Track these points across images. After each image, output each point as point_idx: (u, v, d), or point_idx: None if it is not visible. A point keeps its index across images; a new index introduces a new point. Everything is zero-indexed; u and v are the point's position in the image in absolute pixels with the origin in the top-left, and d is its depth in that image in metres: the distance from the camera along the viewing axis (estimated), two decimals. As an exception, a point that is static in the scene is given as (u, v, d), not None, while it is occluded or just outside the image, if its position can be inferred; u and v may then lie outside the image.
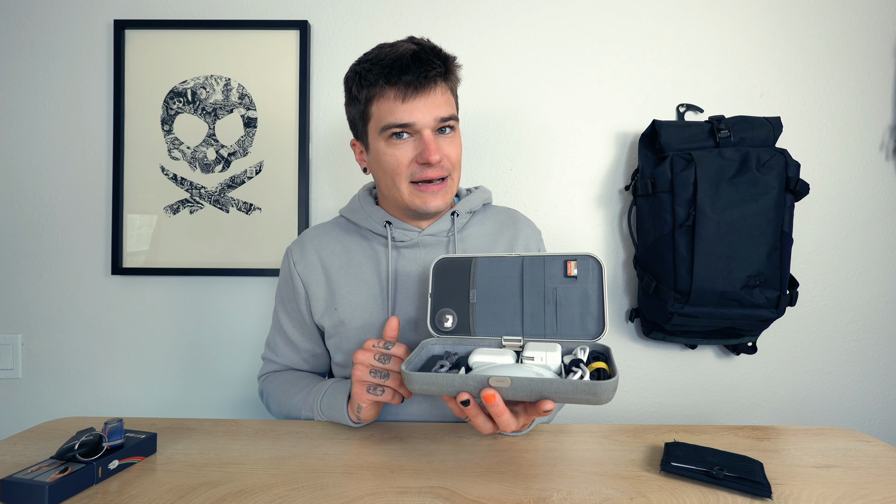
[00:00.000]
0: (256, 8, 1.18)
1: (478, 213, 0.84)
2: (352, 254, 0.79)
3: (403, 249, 0.78)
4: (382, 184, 0.74)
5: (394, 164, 0.70)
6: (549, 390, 0.48)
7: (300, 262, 0.80)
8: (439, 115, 0.69)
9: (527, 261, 0.61)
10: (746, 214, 0.97)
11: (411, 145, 0.69)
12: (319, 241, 0.82)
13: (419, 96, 0.67)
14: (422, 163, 0.69)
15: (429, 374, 0.51)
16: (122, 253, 1.17)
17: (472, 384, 0.50)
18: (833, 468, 0.58)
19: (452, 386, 0.50)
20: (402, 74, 0.66)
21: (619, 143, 1.19)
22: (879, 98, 1.17)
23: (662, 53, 1.18)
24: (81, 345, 1.19)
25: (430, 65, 0.67)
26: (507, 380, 0.48)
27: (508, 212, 0.87)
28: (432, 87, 0.68)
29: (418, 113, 0.67)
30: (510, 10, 1.18)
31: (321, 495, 0.51)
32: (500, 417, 0.51)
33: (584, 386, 0.47)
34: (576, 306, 0.59)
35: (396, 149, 0.69)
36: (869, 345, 1.19)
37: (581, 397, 0.47)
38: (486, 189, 0.87)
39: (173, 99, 1.17)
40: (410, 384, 0.52)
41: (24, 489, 0.47)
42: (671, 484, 0.54)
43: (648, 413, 1.20)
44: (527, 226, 0.85)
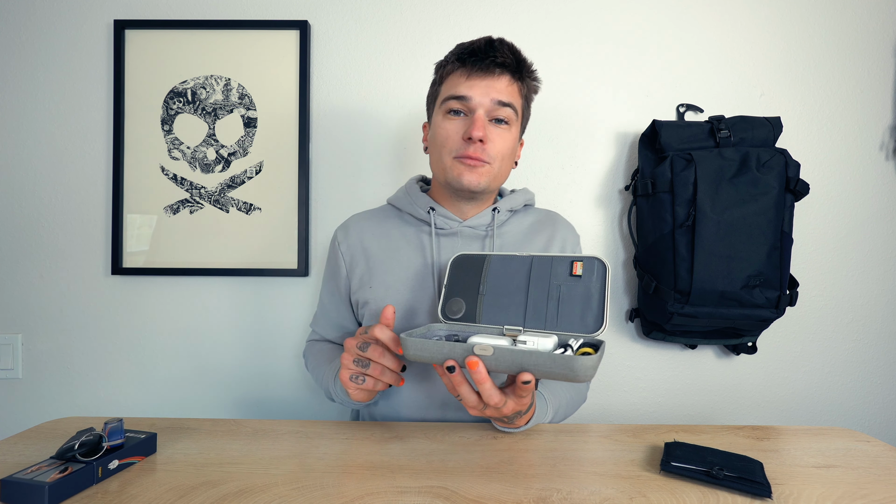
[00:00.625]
0: (256, 8, 1.18)
1: (518, 213, 0.87)
2: (392, 237, 0.83)
3: (442, 238, 0.81)
4: (433, 158, 0.79)
5: (444, 136, 0.74)
6: (529, 362, 0.51)
7: (343, 243, 0.85)
8: (496, 98, 0.72)
9: (536, 260, 0.64)
10: (746, 214, 0.97)
11: (463, 122, 0.74)
12: (363, 224, 0.86)
13: (482, 77, 0.72)
14: (466, 138, 0.72)
15: (422, 340, 0.55)
16: (122, 253, 1.17)
17: (459, 351, 0.54)
18: (833, 468, 0.58)
19: (441, 352, 0.54)
20: (472, 55, 0.72)
21: (619, 143, 1.19)
22: (879, 98, 1.17)
23: (662, 53, 1.18)
24: (81, 345, 1.19)
25: (499, 52, 0.72)
26: (490, 348, 0.52)
27: (549, 213, 0.90)
28: (497, 74, 0.73)
29: (477, 90, 0.72)
30: (510, 11, 1.18)
31: (321, 495, 0.51)
32: (483, 385, 0.54)
33: (562, 360, 0.50)
34: (577, 303, 0.61)
35: (450, 122, 0.74)
36: (869, 345, 1.19)
37: (559, 372, 0.50)
38: (530, 191, 0.89)
39: (173, 99, 1.17)
40: (406, 350, 0.56)
41: (24, 489, 0.47)
42: (671, 484, 0.54)
43: (648, 413, 1.20)
44: (565, 227, 0.87)
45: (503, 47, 0.73)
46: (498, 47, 0.72)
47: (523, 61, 0.75)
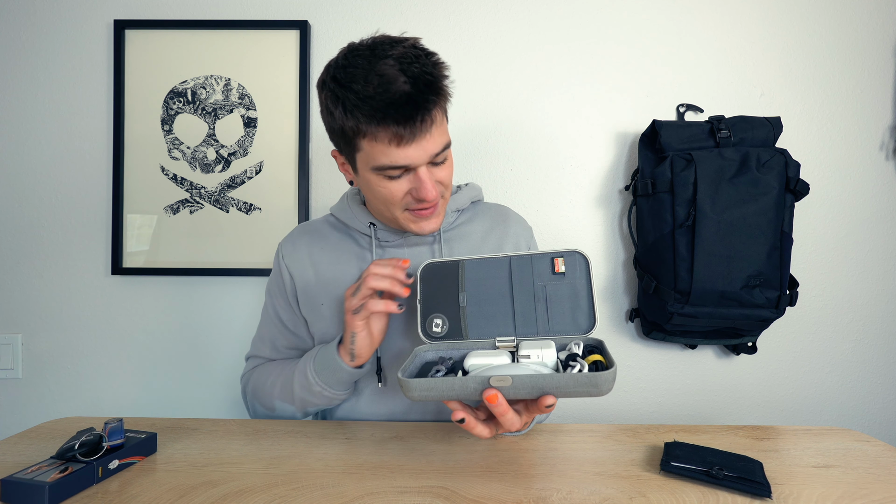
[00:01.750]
0: (256, 8, 1.18)
1: (466, 211, 0.83)
2: (339, 251, 0.80)
3: (389, 249, 0.78)
4: (373, 206, 0.74)
5: (387, 195, 0.67)
6: (551, 386, 0.48)
7: (289, 256, 0.81)
8: (434, 152, 0.64)
9: (514, 260, 0.61)
10: (746, 214, 0.97)
11: (405, 180, 0.66)
12: (309, 238, 0.82)
13: (416, 140, 0.62)
14: (416, 197, 0.67)
15: (427, 380, 0.50)
16: (122, 253, 1.17)
17: (473, 386, 0.49)
18: (833, 468, 0.58)
19: (452, 390, 0.50)
20: (395, 121, 0.59)
21: (619, 143, 1.19)
22: (879, 98, 1.17)
23: (662, 53, 1.18)
24: (81, 345, 1.19)
25: (426, 105, 0.60)
26: (508, 378, 0.48)
27: (499, 208, 0.86)
28: (428, 127, 0.62)
29: (413, 155, 0.63)
30: (510, 10, 1.18)
31: (321, 495, 0.51)
32: (504, 417, 0.50)
33: (584, 378, 0.47)
34: (566, 302, 0.59)
35: (390, 183, 0.66)
36: (869, 345, 1.19)
37: (582, 390, 0.48)
38: (476, 186, 0.85)
39: (173, 99, 1.17)
40: (409, 392, 0.51)
41: (24, 489, 0.47)
42: (671, 484, 0.54)
43: (648, 413, 1.20)
44: (517, 223, 0.84)
45: (426, 92, 0.60)
46: (421, 100, 0.59)
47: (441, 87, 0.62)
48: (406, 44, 0.62)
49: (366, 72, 0.60)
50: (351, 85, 0.60)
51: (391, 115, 0.59)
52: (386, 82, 0.59)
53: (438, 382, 0.50)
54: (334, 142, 0.70)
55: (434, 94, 0.61)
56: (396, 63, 0.59)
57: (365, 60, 0.60)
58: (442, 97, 0.63)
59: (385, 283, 0.64)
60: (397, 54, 0.60)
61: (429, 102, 0.61)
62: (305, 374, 0.72)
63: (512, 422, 0.51)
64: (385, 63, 0.59)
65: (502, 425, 0.52)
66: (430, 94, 0.61)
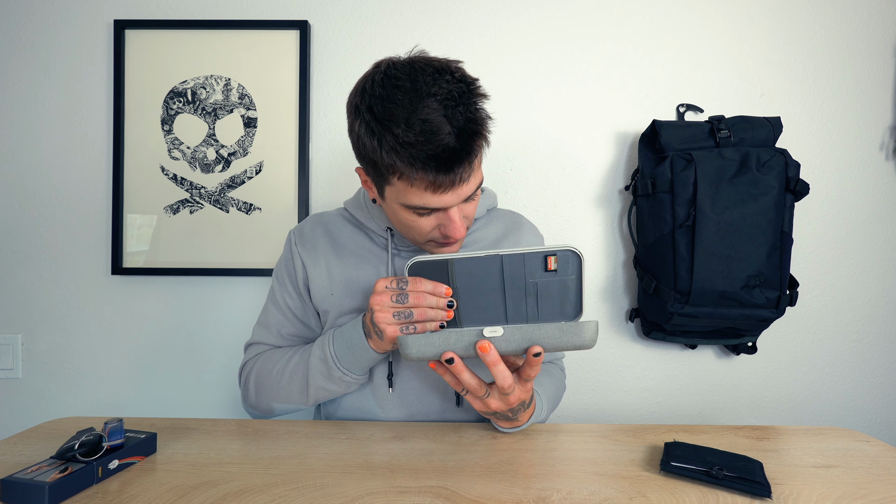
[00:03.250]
0: (256, 8, 1.18)
1: (481, 218, 0.84)
2: (354, 247, 0.79)
3: (405, 252, 0.78)
4: (397, 227, 0.71)
5: (416, 229, 0.66)
6: (539, 336, 0.53)
7: (302, 245, 0.80)
8: (469, 195, 0.63)
9: (506, 259, 0.60)
10: (746, 214, 0.97)
11: (434, 217, 0.65)
12: (323, 228, 0.81)
13: (451, 189, 0.60)
14: (444, 234, 0.66)
15: (425, 336, 0.54)
16: (122, 253, 1.17)
17: (468, 338, 0.54)
18: (833, 468, 0.58)
19: (448, 343, 0.54)
20: (439, 169, 0.57)
21: (619, 143, 1.19)
22: (879, 98, 1.17)
23: (662, 53, 1.18)
24: (81, 345, 1.19)
25: (469, 157, 0.58)
26: (499, 329, 0.53)
27: (512, 215, 0.87)
28: (467, 177, 0.61)
29: (448, 200, 0.61)
30: (510, 10, 1.18)
31: (321, 495, 0.51)
32: (496, 367, 0.54)
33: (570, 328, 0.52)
34: (556, 297, 0.60)
35: (419, 219, 0.65)
36: (869, 345, 1.19)
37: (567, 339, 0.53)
38: (492, 192, 0.86)
39: (173, 99, 1.17)
40: (407, 349, 0.55)
41: (24, 489, 0.47)
42: (671, 484, 0.54)
43: (648, 413, 1.20)
44: (530, 231, 0.85)
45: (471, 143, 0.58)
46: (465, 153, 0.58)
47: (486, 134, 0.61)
48: (448, 76, 0.58)
49: (407, 113, 0.56)
50: (391, 126, 0.57)
51: (432, 166, 0.57)
52: (430, 131, 0.56)
53: (435, 337, 0.54)
54: (363, 164, 0.66)
55: (477, 144, 0.60)
56: (441, 107, 0.56)
57: (406, 98, 0.57)
58: (484, 143, 0.61)
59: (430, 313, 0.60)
60: (442, 94, 0.57)
61: (471, 154, 0.59)
62: (325, 358, 0.69)
63: (504, 376, 0.55)
64: (428, 105, 0.56)
65: (495, 378, 0.56)
66: (473, 145, 0.59)
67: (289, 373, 0.73)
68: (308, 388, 0.72)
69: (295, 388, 0.73)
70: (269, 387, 0.75)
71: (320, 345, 0.72)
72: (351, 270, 0.78)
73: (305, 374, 0.72)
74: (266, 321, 0.83)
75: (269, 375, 0.75)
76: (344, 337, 0.69)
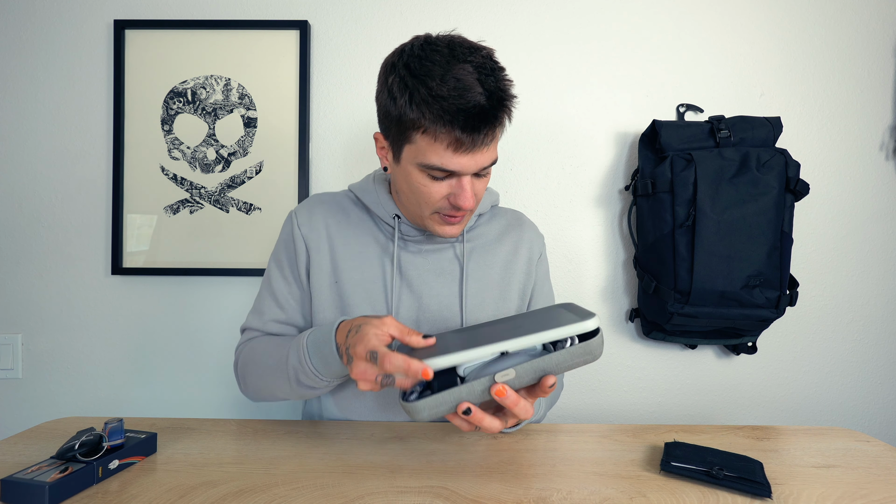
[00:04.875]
0: (256, 8, 1.18)
1: (485, 214, 0.84)
2: (359, 231, 0.78)
3: (411, 244, 0.78)
4: (403, 196, 0.71)
5: (426, 195, 0.67)
6: (551, 365, 0.49)
7: (305, 226, 0.77)
8: (485, 165, 0.65)
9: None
10: (746, 214, 0.97)
11: (447, 184, 0.66)
12: (327, 208, 0.79)
13: (474, 151, 0.62)
14: (453, 203, 0.67)
15: (433, 398, 0.49)
16: (122, 253, 1.17)
17: (480, 388, 0.49)
18: (833, 468, 0.58)
19: (460, 398, 0.49)
20: (464, 127, 0.59)
21: (619, 143, 1.19)
22: (879, 98, 1.17)
23: (662, 53, 1.18)
24: (81, 345, 1.19)
25: (494, 121, 0.61)
26: (511, 371, 0.49)
27: (515, 213, 0.87)
28: (488, 142, 0.63)
29: (466, 164, 0.63)
30: (510, 11, 1.18)
31: (321, 495, 0.51)
32: (517, 406, 0.50)
33: (580, 350, 0.49)
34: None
35: (433, 184, 0.66)
36: (869, 345, 1.19)
37: (579, 360, 0.49)
38: (495, 191, 0.87)
39: (173, 99, 1.17)
40: (417, 415, 0.49)
41: (24, 489, 0.47)
42: (671, 484, 0.54)
43: (648, 413, 1.20)
44: (531, 229, 0.86)
45: (498, 109, 0.60)
46: (493, 116, 0.60)
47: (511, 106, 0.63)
48: (483, 53, 0.61)
49: (443, 70, 0.59)
50: (425, 79, 0.59)
51: (459, 121, 0.59)
52: (462, 88, 0.58)
53: (445, 397, 0.49)
54: (384, 126, 0.68)
55: (504, 113, 0.62)
56: (475, 71, 0.59)
57: (443, 58, 0.60)
58: (508, 117, 0.63)
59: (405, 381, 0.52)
60: (476, 62, 0.60)
61: (497, 119, 0.61)
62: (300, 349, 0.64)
63: (526, 410, 0.51)
64: (463, 68, 0.59)
65: (517, 415, 0.51)
66: (500, 112, 0.61)
67: (270, 370, 0.69)
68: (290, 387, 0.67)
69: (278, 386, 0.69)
70: (254, 379, 0.72)
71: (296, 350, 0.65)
72: (357, 255, 0.76)
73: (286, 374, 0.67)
74: (260, 307, 0.79)
75: (255, 367, 0.72)
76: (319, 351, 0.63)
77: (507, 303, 0.79)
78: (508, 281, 0.80)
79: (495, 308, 0.78)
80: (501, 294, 0.79)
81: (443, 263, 0.78)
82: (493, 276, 0.79)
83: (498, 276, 0.79)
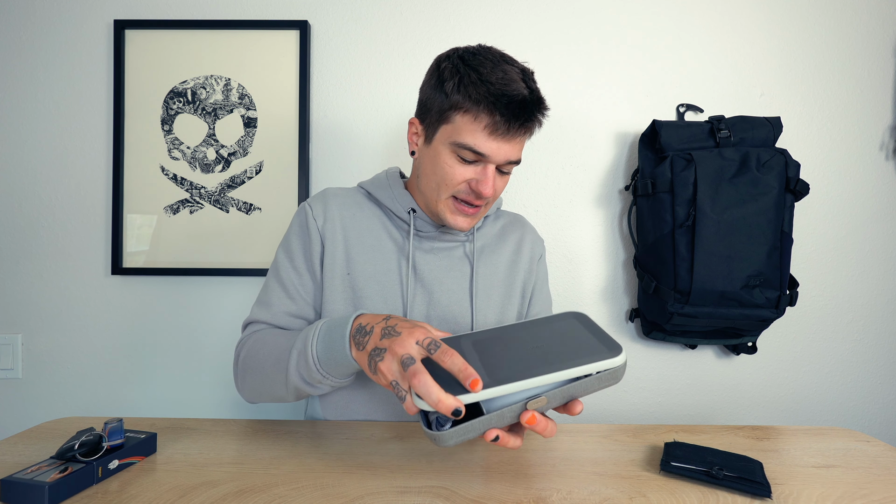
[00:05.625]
0: (256, 8, 1.18)
1: (490, 216, 0.87)
2: (372, 225, 0.79)
3: (425, 241, 0.79)
4: (424, 179, 0.74)
5: (449, 175, 0.70)
6: (580, 391, 0.49)
7: (321, 216, 0.77)
8: (511, 159, 0.70)
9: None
10: (746, 214, 0.97)
11: (472, 169, 0.70)
12: (341, 201, 0.80)
13: (506, 139, 0.67)
14: (474, 189, 0.70)
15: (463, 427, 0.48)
16: (122, 253, 1.17)
17: (510, 416, 0.48)
18: (833, 468, 0.58)
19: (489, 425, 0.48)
20: (504, 113, 0.65)
21: (619, 143, 1.19)
22: (879, 98, 1.17)
23: (662, 53, 1.18)
24: (81, 345, 1.19)
25: (532, 118, 0.67)
26: (544, 399, 0.48)
27: (516, 216, 0.91)
28: (521, 135, 0.69)
29: (497, 150, 0.68)
30: (510, 11, 1.18)
31: (321, 495, 0.51)
32: (546, 430, 0.49)
33: (607, 375, 0.49)
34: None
35: (458, 166, 0.70)
36: (869, 345, 1.19)
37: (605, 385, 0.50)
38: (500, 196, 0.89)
39: (173, 99, 1.17)
40: (445, 443, 0.48)
41: (24, 489, 0.47)
42: (671, 484, 0.54)
43: (648, 413, 1.20)
44: (532, 233, 0.89)
45: (537, 108, 0.68)
46: (531, 111, 0.67)
47: (545, 115, 0.70)
48: (528, 67, 0.70)
49: (493, 64, 0.67)
50: (477, 67, 0.66)
51: (502, 104, 0.65)
52: (509, 80, 0.66)
53: (475, 425, 0.48)
54: (423, 109, 0.73)
55: (540, 113, 0.69)
56: (521, 73, 0.67)
57: (494, 57, 0.68)
58: (539, 123, 0.70)
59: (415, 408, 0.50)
60: (522, 68, 0.69)
61: (534, 116, 0.68)
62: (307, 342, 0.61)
63: (552, 431, 0.50)
64: (512, 69, 0.67)
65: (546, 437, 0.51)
66: (537, 111, 0.68)
67: (273, 360, 0.66)
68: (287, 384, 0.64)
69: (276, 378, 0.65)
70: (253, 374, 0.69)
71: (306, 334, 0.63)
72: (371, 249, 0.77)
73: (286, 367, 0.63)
74: (267, 299, 0.77)
75: (257, 359, 0.68)
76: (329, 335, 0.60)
77: (511, 300, 0.82)
78: (513, 279, 0.83)
79: (501, 305, 0.81)
80: (507, 292, 0.82)
81: (453, 261, 0.80)
82: (500, 275, 0.82)
83: (503, 275, 0.82)
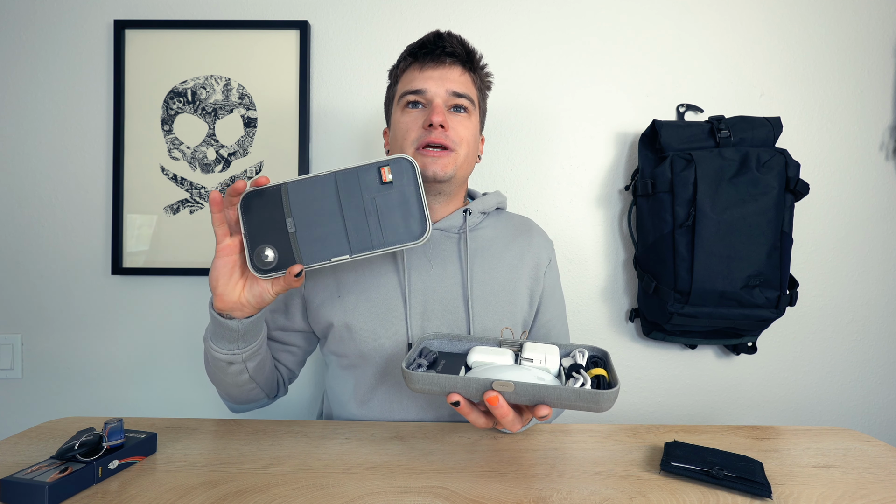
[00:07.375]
0: (256, 8, 1.18)
1: (491, 216, 0.84)
2: None
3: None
4: (395, 147, 0.78)
5: (404, 129, 0.74)
6: (552, 396, 0.48)
7: None
8: (452, 89, 0.74)
9: (339, 176, 0.58)
10: (746, 214, 0.97)
11: (422, 112, 0.74)
12: None
13: (435, 68, 0.74)
14: (427, 126, 0.72)
15: (431, 374, 0.51)
16: (122, 253, 1.17)
17: (475, 386, 0.50)
18: (833, 468, 0.58)
19: (454, 387, 0.50)
20: (422, 48, 0.75)
21: (619, 143, 1.19)
22: (879, 98, 1.17)
23: (662, 53, 1.18)
24: (81, 345, 1.19)
25: (448, 43, 0.74)
26: (511, 384, 0.48)
27: (523, 219, 0.87)
28: (448, 64, 0.74)
29: (432, 82, 0.73)
30: (510, 11, 1.18)
31: (321, 495, 0.51)
32: (505, 419, 0.50)
33: (586, 394, 0.47)
34: (397, 211, 0.58)
35: (408, 116, 0.74)
36: (869, 345, 1.19)
37: (582, 405, 0.48)
38: (502, 194, 0.87)
39: (173, 99, 1.17)
40: (413, 384, 0.52)
41: (24, 489, 0.47)
42: (671, 484, 0.54)
43: (648, 413, 1.20)
44: (540, 235, 0.85)
45: (452, 39, 0.75)
46: (447, 38, 0.75)
47: (472, 52, 0.78)
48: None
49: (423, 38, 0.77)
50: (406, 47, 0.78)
51: (419, 44, 0.75)
52: (428, 34, 0.76)
53: (441, 378, 0.51)
54: (388, 110, 0.82)
55: (460, 46, 0.75)
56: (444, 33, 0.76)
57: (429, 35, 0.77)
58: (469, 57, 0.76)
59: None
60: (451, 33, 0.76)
61: (453, 46, 0.74)
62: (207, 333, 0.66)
63: (513, 424, 0.52)
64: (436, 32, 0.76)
65: (503, 425, 0.52)
66: (456, 43, 0.75)
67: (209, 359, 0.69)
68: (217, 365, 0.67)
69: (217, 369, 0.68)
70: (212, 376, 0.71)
71: None
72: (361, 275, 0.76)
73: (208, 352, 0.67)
74: None
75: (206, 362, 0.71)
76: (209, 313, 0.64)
77: (515, 307, 0.78)
78: (515, 286, 0.79)
79: (503, 311, 0.77)
80: (509, 298, 0.78)
81: (446, 265, 0.77)
82: (500, 280, 0.78)
83: (504, 280, 0.78)
